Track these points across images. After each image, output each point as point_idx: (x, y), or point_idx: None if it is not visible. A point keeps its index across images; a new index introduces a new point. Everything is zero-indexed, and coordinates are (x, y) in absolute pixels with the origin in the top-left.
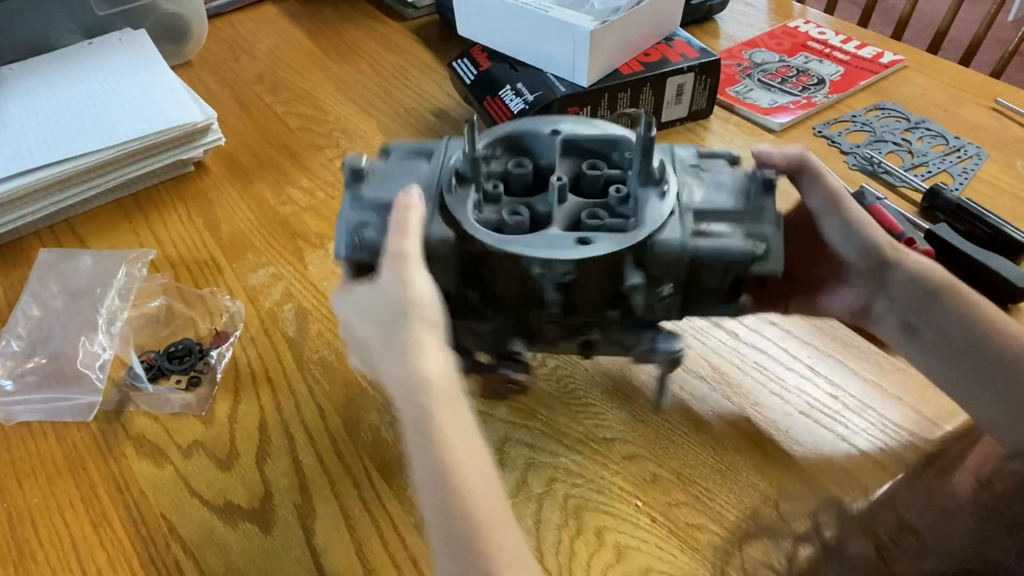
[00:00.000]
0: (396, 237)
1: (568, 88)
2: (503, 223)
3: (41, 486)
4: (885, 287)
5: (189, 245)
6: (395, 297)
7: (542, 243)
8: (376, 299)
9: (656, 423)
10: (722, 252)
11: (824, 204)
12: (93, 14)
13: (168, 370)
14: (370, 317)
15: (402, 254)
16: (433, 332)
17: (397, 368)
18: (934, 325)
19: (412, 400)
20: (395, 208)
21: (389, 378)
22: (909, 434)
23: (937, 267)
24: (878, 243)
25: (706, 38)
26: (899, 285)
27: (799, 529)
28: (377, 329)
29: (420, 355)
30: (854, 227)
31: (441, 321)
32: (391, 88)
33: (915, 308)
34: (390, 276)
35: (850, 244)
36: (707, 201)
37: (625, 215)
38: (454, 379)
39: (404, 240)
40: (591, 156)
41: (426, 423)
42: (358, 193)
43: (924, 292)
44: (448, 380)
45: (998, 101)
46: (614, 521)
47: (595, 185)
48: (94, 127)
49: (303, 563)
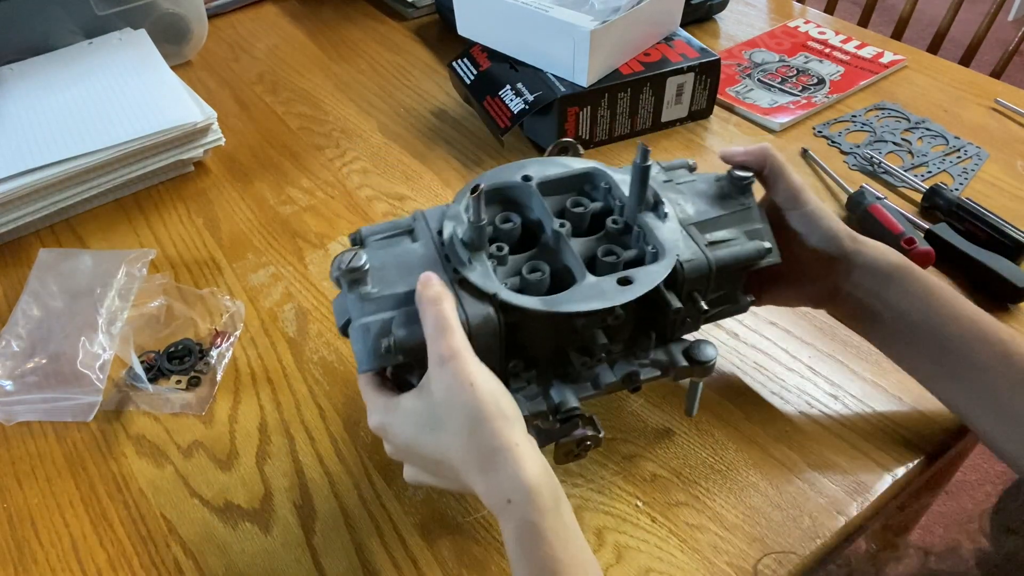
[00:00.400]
0: (440, 337)
1: (568, 88)
2: (525, 283)
3: (41, 486)
4: (847, 274)
5: (189, 245)
6: (464, 402)
7: (589, 294)
8: (439, 409)
9: (656, 423)
10: (739, 256)
11: (786, 198)
12: (93, 14)
13: (168, 370)
14: (438, 428)
15: (454, 354)
16: (517, 429)
17: (489, 477)
18: (891, 307)
19: (513, 511)
20: (423, 304)
21: (481, 488)
22: (909, 434)
23: (893, 252)
24: (838, 233)
25: (706, 38)
26: (858, 271)
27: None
28: (453, 439)
29: (514, 460)
30: (814, 218)
31: (519, 414)
32: (391, 88)
33: (873, 292)
34: (449, 381)
35: (812, 235)
36: (700, 213)
37: (627, 245)
38: (552, 479)
39: (450, 338)
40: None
41: (531, 533)
42: (365, 294)
43: (880, 276)
44: (547, 483)
45: (998, 101)
46: (614, 521)
47: (582, 221)
48: (94, 127)
49: (303, 563)
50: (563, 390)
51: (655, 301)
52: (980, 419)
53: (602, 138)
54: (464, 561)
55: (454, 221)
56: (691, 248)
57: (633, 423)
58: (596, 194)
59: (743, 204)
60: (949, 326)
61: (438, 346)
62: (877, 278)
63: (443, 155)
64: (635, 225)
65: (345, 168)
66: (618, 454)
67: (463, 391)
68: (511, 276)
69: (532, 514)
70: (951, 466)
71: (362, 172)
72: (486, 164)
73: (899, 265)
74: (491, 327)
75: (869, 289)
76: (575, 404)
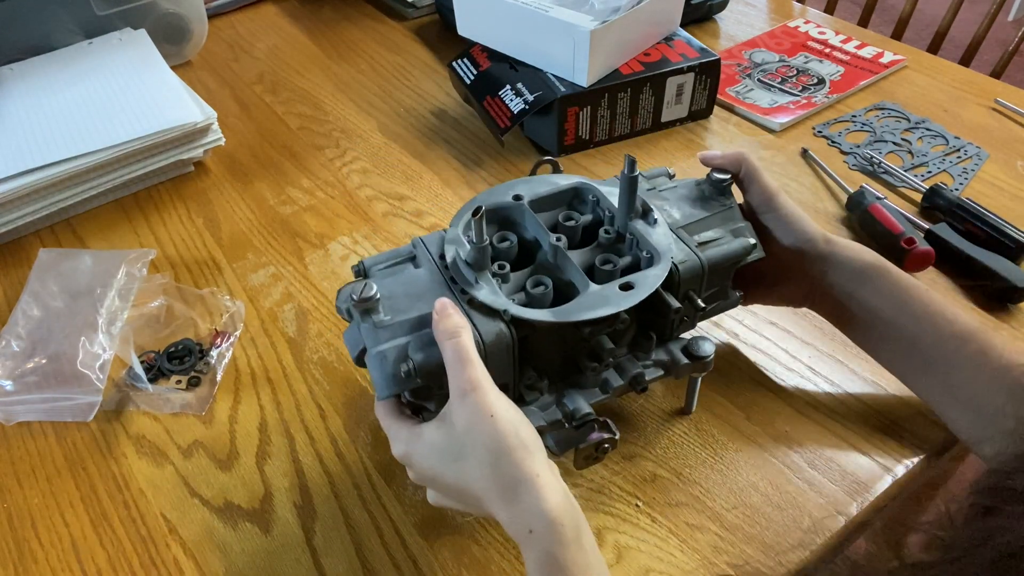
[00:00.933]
0: (460, 369)
1: (568, 88)
2: (530, 297)
3: (41, 486)
4: (824, 274)
5: (189, 245)
6: (486, 432)
7: (595, 302)
8: (461, 440)
9: (656, 423)
10: (728, 254)
11: (761, 201)
12: (93, 14)
13: (168, 370)
14: (461, 459)
15: (475, 387)
16: (538, 460)
17: (512, 507)
18: (865, 305)
19: (536, 542)
20: (441, 336)
21: (504, 518)
22: (909, 434)
23: (867, 251)
24: (812, 235)
25: (706, 38)
26: (833, 271)
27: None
28: (475, 470)
29: (536, 491)
30: (788, 221)
31: (539, 443)
32: (391, 88)
33: (848, 291)
34: (471, 413)
35: (787, 236)
36: (687, 216)
37: (622, 253)
38: (574, 508)
39: (471, 370)
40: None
41: (553, 565)
42: (378, 322)
43: (855, 275)
44: (569, 512)
45: (998, 101)
46: (614, 521)
47: (575, 234)
48: (94, 127)
49: (303, 563)
50: (575, 397)
51: (654, 303)
52: (957, 416)
53: (602, 138)
54: (464, 561)
55: (455, 244)
56: (683, 250)
57: (633, 423)
58: (584, 207)
59: (725, 205)
60: (923, 323)
61: (459, 379)
62: (852, 277)
63: (443, 155)
64: (628, 233)
65: (345, 168)
66: (618, 454)
67: (484, 423)
68: (515, 292)
69: (554, 546)
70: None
71: (362, 172)
72: (486, 164)
73: (873, 264)
74: (504, 343)
75: (844, 288)
76: (588, 410)
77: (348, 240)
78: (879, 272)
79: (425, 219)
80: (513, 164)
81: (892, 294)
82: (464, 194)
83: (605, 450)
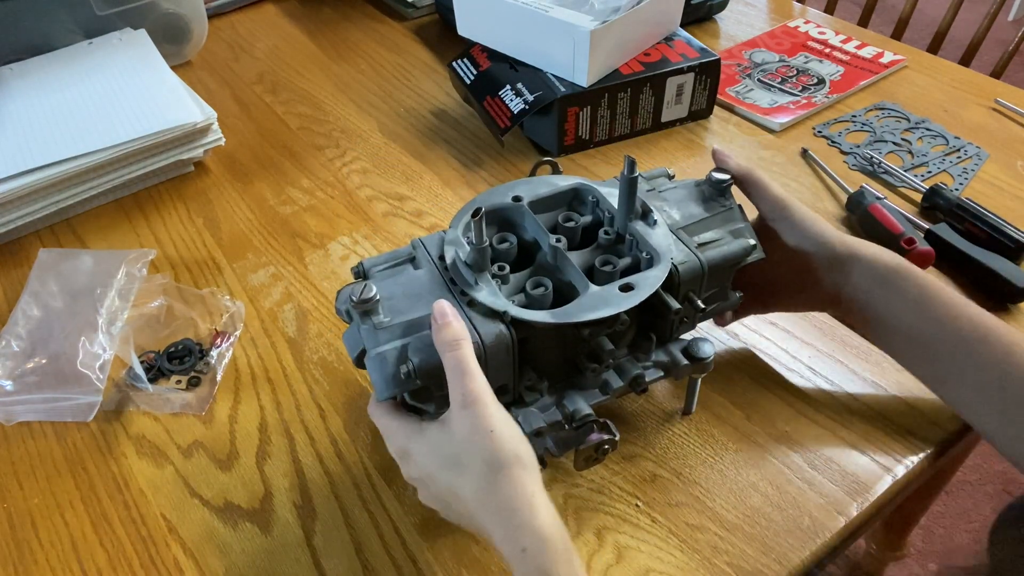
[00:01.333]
0: (460, 381)
1: (568, 88)
2: (530, 298)
3: (41, 486)
4: (847, 277)
5: (189, 245)
6: (484, 447)
7: (595, 303)
8: (459, 449)
9: (656, 423)
10: (728, 255)
11: (773, 210)
12: (93, 14)
13: (168, 370)
14: (458, 468)
15: (475, 399)
16: (533, 478)
17: (504, 523)
18: (888, 309)
19: (528, 560)
20: (441, 346)
21: (494, 533)
22: (909, 434)
23: (889, 254)
24: (829, 238)
25: (706, 38)
26: (856, 274)
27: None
28: (471, 481)
29: (530, 510)
30: (804, 226)
31: (535, 462)
32: (391, 88)
33: (870, 294)
34: (470, 426)
35: (805, 241)
36: (687, 217)
37: (621, 254)
38: (562, 528)
39: (470, 382)
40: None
41: None
42: (377, 324)
43: (876, 277)
44: (559, 532)
45: (998, 101)
46: (614, 521)
47: (574, 235)
48: (94, 127)
49: (303, 563)
50: (575, 398)
51: (654, 304)
52: (984, 420)
53: (602, 138)
54: (464, 561)
55: (454, 246)
56: (683, 251)
57: (633, 423)
58: (584, 208)
59: (725, 205)
60: (947, 326)
61: (459, 390)
62: (873, 280)
63: (443, 155)
64: (627, 234)
65: (345, 168)
66: (618, 454)
67: (483, 437)
68: (515, 294)
69: (546, 564)
70: (951, 466)
71: (362, 172)
72: (486, 164)
73: (895, 267)
74: (504, 344)
75: (866, 291)
76: (588, 411)
77: (348, 240)
78: (902, 275)
79: (425, 219)
80: (513, 164)
81: (916, 297)
82: (464, 194)
83: (605, 451)
